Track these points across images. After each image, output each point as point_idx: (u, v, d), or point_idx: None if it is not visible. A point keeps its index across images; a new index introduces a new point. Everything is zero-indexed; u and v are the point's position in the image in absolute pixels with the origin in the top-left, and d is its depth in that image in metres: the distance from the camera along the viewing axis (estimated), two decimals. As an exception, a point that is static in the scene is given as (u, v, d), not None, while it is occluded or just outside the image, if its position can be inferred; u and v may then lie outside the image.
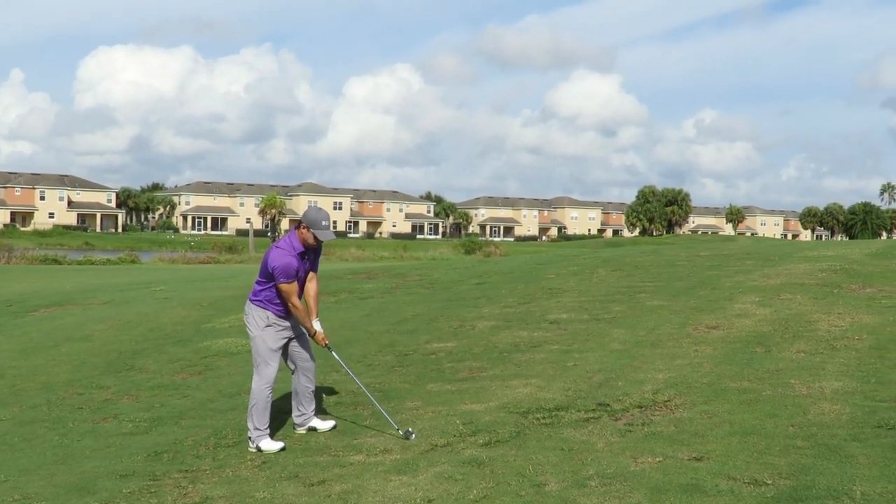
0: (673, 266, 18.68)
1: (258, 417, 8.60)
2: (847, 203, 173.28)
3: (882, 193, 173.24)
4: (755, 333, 11.28)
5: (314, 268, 8.98)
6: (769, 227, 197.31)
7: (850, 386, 8.70)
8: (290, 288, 8.59)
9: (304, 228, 8.66)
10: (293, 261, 8.60)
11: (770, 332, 11.31)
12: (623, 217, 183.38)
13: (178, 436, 9.23)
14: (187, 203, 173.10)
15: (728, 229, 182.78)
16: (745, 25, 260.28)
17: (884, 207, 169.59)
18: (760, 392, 8.70)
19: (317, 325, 8.91)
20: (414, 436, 8.32)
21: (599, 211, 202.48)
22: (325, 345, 8.98)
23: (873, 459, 6.66)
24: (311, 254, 8.86)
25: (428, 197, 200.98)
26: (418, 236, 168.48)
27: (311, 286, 8.95)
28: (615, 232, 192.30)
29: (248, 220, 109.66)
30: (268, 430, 8.66)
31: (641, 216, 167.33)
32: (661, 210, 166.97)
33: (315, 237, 8.66)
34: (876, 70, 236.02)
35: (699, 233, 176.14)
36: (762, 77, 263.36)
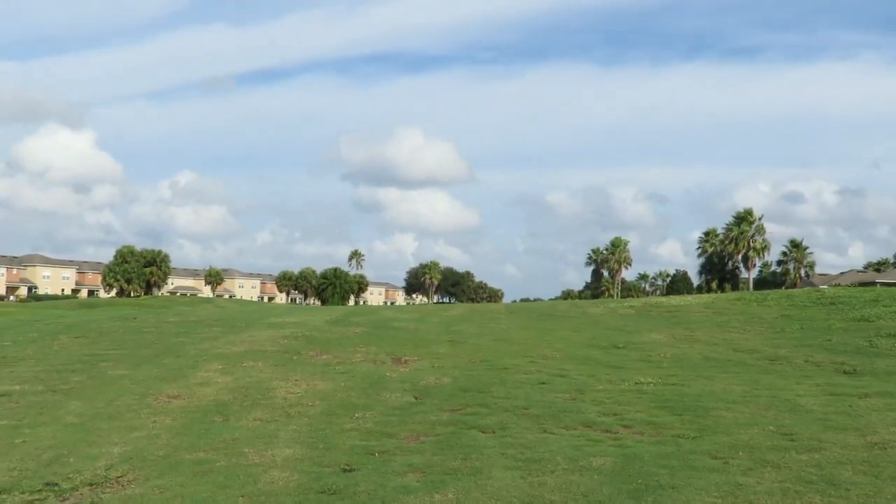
0: (140, 333, 18.33)
1: None
2: (319, 267, 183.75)
3: (350, 259, 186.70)
4: (215, 402, 11.41)
5: None
6: (247, 290, 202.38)
7: (300, 453, 9.10)
8: None
9: None
10: None
11: (230, 400, 11.51)
12: (100, 277, 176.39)
13: None
14: None
15: (207, 291, 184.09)
16: (218, 94, 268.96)
17: (352, 273, 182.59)
18: (215, 462, 8.76)
19: None
20: None
21: (74, 270, 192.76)
22: None
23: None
24: None
25: None
26: None
27: None
28: (91, 292, 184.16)
29: None
30: None
31: (119, 276, 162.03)
32: (139, 271, 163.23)
33: None
34: (337, 145, 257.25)
35: (178, 294, 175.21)
36: (236, 143, 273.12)
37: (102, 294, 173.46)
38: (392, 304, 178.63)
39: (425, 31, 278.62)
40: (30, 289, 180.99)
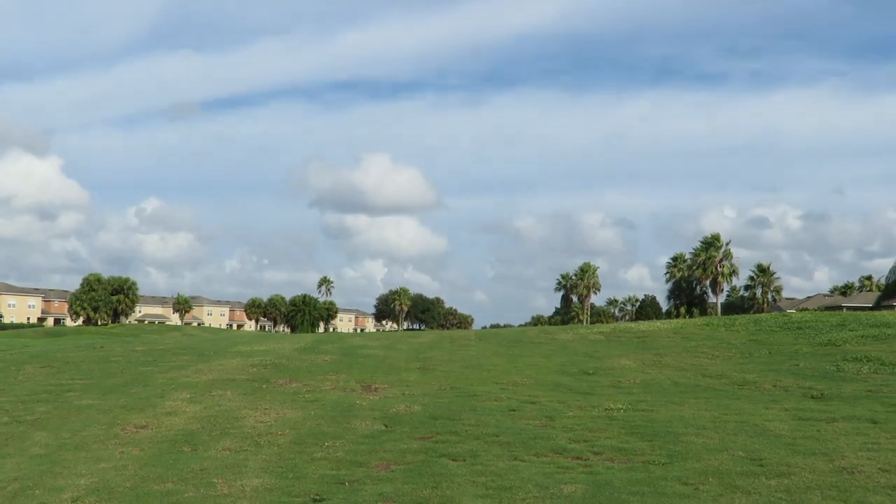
0: (107, 362, 18.14)
1: None
2: (288, 294, 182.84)
3: (320, 286, 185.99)
4: (184, 432, 11.30)
5: None
6: (216, 317, 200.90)
7: (269, 482, 9.04)
8: None
9: None
10: None
11: (198, 429, 11.40)
12: (66, 305, 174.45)
13: None
14: None
15: (175, 319, 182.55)
16: (184, 120, 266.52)
17: (321, 299, 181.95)
18: (183, 493, 8.67)
19: None
20: None
21: (40, 299, 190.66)
22: None
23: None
24: None
25: None
26: None
27: None
28: (57, 321, 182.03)
29: None
30: None
31: (86, 305, 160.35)
32: (106, 299, 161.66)
33: None
34: (304, 172, 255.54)
35: (146, 322, 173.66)
36: (203, 170, 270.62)
37: (69, 322, 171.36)
38: (362, 330, 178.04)
39: (392, 58, 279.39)
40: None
